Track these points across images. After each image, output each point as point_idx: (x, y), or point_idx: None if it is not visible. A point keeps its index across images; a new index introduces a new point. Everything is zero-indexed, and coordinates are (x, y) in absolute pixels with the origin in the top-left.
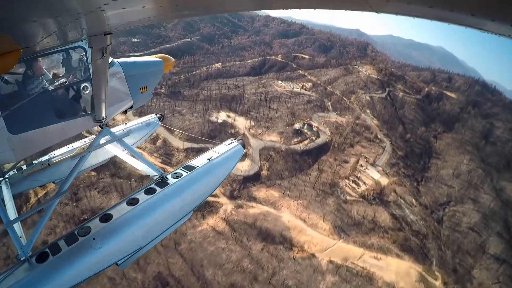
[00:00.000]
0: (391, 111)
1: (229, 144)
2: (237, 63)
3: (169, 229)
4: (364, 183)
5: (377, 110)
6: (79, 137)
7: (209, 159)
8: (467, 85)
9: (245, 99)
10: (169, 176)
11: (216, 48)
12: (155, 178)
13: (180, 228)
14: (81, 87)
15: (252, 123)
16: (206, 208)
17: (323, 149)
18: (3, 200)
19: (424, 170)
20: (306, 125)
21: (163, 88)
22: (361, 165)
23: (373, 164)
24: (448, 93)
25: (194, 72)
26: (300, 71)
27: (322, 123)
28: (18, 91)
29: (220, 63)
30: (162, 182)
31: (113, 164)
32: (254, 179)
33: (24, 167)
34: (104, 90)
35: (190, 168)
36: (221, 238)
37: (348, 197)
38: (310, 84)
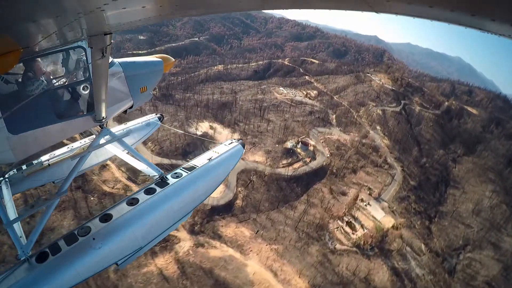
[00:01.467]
0: (406, 128)
1: (229, 144)
2: (240, 65)
3: (169, 229)
4: (362, 226)
5: (389, 126)
6: (79, 137)
7: (209, 159)
8: (489, 100)
9: (238, 107)
10: (169, 176)
11: (224, 49)
12: (155, 178)
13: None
14: (81, 87)
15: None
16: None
17: (317, 174)
18: (3, 200)
19: (440, 203)
20: (300, 143)
21: (156, 89)
22: (361, 200)
23: (377, 198)
24: (469, 109)
25: (193, 74)
26: (307, 77)
27: (321, 140)
28: (18, 91)
29: (223, 65)
30: (162, 182)
31: (82, 175)
32: (225, 210)
33: (24, 167)
34: (104, 90)
35: (190, 168)
36: (166, 286)
37: (338, 246)
38: (315, 92)
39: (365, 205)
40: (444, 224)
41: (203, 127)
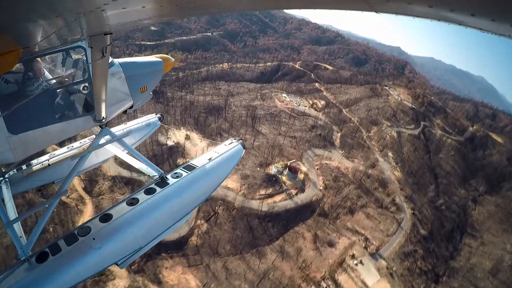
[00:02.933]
0: (423, 156)
1: (229, 144)
2: (247, 65)
3: (169, 229)
4: None
5: (403, 153)
6: (79, 137)
7: (209, 159)
8: None
9: (230, 113)
10: (169, 176)
11: (237, 46)
12: (155, 178)
13: None
14: (81, 87)
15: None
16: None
17: (302, 213)
18: (3, 200)
19: (452, 256)
20: (287, 169)
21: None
22: (352, 256)
23: (374, 255)
24: (494, 136)
25: (195, 71)
26: (317, 84)
27: (316, 167)
28: (18, 91)
29: (229, 63)
30: (162, 182)
31: None
32: (175, 246)
33: (24, 167)
34: (104, 90)
35: (190, 168)
36: None
37: None
38: (323, 102)
39: (356, 264)
40: (453, 286)
41: (177, 136)
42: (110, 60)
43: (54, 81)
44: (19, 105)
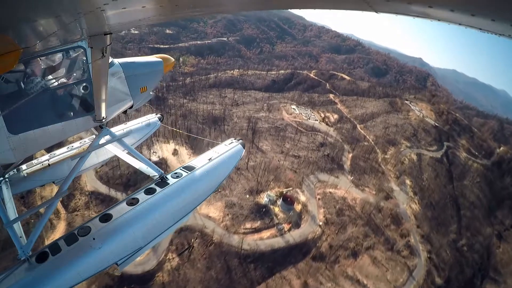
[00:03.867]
0: (445, 184)
1: (229, 144)
2: (259, 72)
3: (169, 229)
4: None
5: (423, 180)
6: (79, 137)
7: (209, 159)
8: None
9: (229, 126)
10: (169, 176)
11: (253, 52)
12: (155, 178)
13: None
14: (81, 87)
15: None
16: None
17: (293, 254)
18: (3, 200)
19: None
20: (282, 198)
21: (153, 90)
22: None
23: None
24: None
25: (204, 77)
26: (331, 96)
27: (318, 197)
28: (18, 91)
29: (241, 70)
30: (162, 182)
31: None
32: (139, 281)
33: (24, 167)
34: (104, 90)
35: (190, 168)
36: None
37: None
38: (336, 116)
39: None
40: None
41: (164, 150)
42: (110, 60)
43: (54, 81)
44: (19, 105)
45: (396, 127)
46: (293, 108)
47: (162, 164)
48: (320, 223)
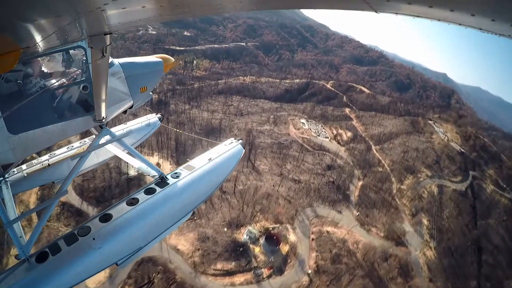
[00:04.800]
0: (468, 223)
1: (229, 144)
2: (272, 80)
3: (169, 229)
4: None
5: (442, 219)
6: (79, 137)
7: (209, 159)
8: None
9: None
10: (169, 176)
11: (272, 59)
12: (155, 178)
13: None
14: (81, 87)
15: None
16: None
17: None
18: (3, 200)
19: None
20: (265, 237)
21: (158, 93)
22: None
23: None
24: None
25: (213, 82)
26: (347, 110)
27: (312, 236)
28: (18, 91)
29: (254, 77)
30: (162, 182)
31: None
32: None
33: (24, 167)
34: (104, 90)
35: (190, 168)
36: None
37: None
38: (349, 134)
39: None
40: None
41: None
42: (110, 60)
43: (54, 81)
44: (19, 105)
45: (417, 151)
46: (302, 123)
47: (140, 179)
48: (309, 271)
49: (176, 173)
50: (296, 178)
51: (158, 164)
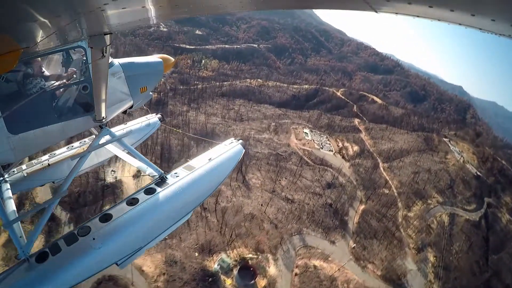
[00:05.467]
0: (479, 259)
1: (229, 144)
2: (280, 84)
3: (169, 229)
4: None
5: (451, 255)
6: (79, 137)
7: (209, 159)
8: None
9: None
10: (169, 176)
11: (283, 62)
12: (155, 178)
13: None
14: (81, 87)
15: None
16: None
17: None
18: (3, 200)
19: None
20: (239, 267)
21: (157, 93)
22: None
23: None
24: None
25: (219, 83)
26: (356, 121)
27: (295, 271)
28: (18, 91)
29: (262, 80)
30: (162, 182)
31: None
32: None
33: (24, 167)
34: (104, 90)
35: (190, 168)
36: None
37: None
38: (356, 148)
39: None
40: None
41: (126, 170)
42: (110, 60)
43: (54, 81)
44: (19, 105)
45: (429, 173)
46: (305, 133)
47: (117, 188)
48: None
49: (176, 173)
50: (289, 197)
51: (137, 173)
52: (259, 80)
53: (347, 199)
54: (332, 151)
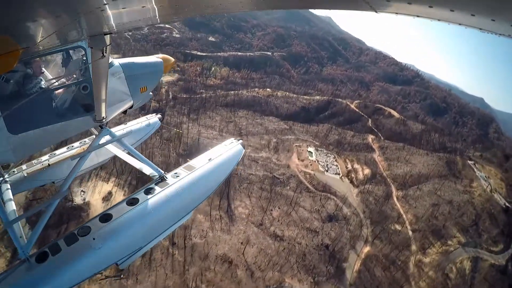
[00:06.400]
0: None
1: (229, 144)
2: (290, 94)
3: (169, 229)
4: None
5: None
6: (79, 137)
7: (209, 159)
8: None
9: None
10: (169, 176)
11: (298, 71)
12: (155, 178)
13: None
14: (81, 87)
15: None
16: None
17: None
18: (3, 200)
19: None
20: None
21: (156, 102)
22: None
23: None
24: None
25: (224, 92)
26: (370, 138)
27: None
28: (18, 91)
29: (270, 90)
30: (162, 182)
31: None
32: None
33: (24, 167)
34: (104, 90)
35: (190, 168)
36: None
37: None
38: (367, 172)
39: None
40: None
41: (97, 191)
42: (110, 60)
43: (54, 81)
44: (19, 105)
45: (451, 206)
46: (309, 152)
47: (84, 210)
48: None
49: (176, 173)
50: (278, 233)
51: (109, 193)
52: (268, 89)
53: (349, 238)
54: (338, 174)
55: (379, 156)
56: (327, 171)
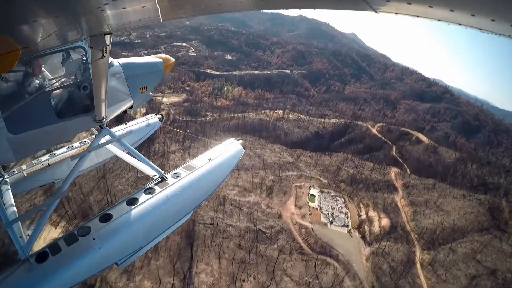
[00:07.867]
0: None
1: (229, 144)
2: (304, 117)
3: (169, 229)
4: None
5: None
6: (79, 137)
7: (209, 159)
8: None
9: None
10: (169, 176)
11: (318, 90)
12: (155, 178)
13: None
14: (81, 87)
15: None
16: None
17: None
18: (3, 200)
19: None
20: None
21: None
22: None
23: None
24: None
25: (228, 115)
26: (393, 172)
27: None
28: (18, 91)
29: (281, 111)
30: (162, 182)
31: None
32: None
33: (24, 167)
34: (104, 90)
35: (190, 168)
36: None
37: None
38: (384, 222)
39: None
40: None
41: (42, 237)
42: (110, 60)
43: (54, 81)
44: (19, 105)
45: (494, 279)
46: (311, 195)
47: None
48: None
49: (176, 173)
50: None
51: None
52: (279, 111)
53: None
54: (347, 226)
55: (403, 199)
56: (331, 222)
